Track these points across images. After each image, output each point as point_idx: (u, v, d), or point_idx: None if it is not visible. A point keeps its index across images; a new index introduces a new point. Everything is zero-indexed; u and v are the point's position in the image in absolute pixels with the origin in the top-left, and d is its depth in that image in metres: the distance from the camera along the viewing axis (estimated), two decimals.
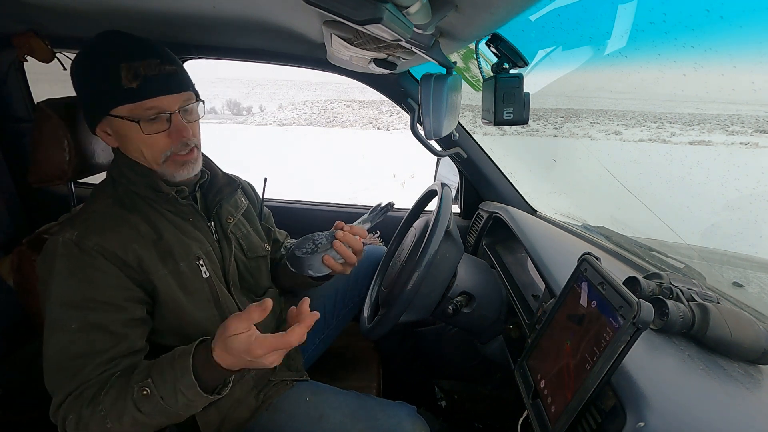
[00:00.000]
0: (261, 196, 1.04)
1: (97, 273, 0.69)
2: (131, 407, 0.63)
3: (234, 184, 0.92)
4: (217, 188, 0.89)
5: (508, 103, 0.72)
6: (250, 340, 0.60)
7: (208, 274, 0.82)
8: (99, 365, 0.68)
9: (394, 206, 1.00)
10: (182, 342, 0.76)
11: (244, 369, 0.66)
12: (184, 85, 0.77)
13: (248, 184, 1.07)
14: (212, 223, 0.87)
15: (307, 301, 0.68)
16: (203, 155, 0.86)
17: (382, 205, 0.99)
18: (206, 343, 0.66)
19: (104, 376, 0.68)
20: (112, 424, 0.63)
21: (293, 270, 0.88)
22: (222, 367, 0.63)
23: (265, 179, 1.01)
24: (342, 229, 0.87)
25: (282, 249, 1.13)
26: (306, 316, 0.65)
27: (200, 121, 0.83)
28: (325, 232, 0.89)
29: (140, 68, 0.71)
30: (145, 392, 0.63)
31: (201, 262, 0.81)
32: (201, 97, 0.82)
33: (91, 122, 0.77)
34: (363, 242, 0.90)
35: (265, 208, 1.07)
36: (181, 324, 0.78)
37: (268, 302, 0.62)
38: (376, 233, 0.91)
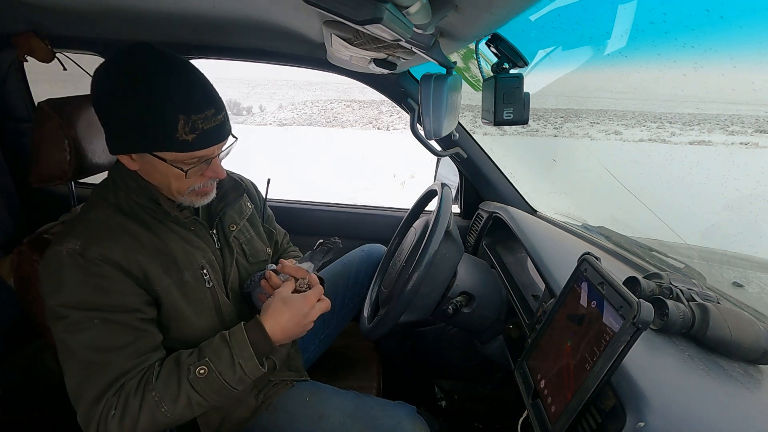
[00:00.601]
0: (264, 197, 1.03)
1: (107, 281, 0.69)
2: (187, 388, 0.69)
3: (240, 188, 0.91)
4: (222, 193, 0.87)
5: (508, 103, 0.72)
6: (304, 294, 0.80)
7: (211, 284, 0.81)
8: (129, 357, 0.69)
9: (340, 246, 0.92)
10: (183, 346, 0.76)
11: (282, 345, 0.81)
12: (229, 130, 0.75)
13: (251, 183, 1.05)
14: (215, 231, 0.86)
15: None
16: None
17: (322, 243, 0.92)
18: (253, 321, 0.76)
19: (141, 368, 0.70)
20: (166, 408, 0.68)
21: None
22: (270, 338, 0.74)
23: (269, 180, 1.01)
24: (277, 268, 0.87)
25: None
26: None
27: None
28: (260, 272, 0.88)
29: (198, 122, 0.67)
30: (202, 371, 0.69)
31: (205, 271, 0.81)
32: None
33: (119, 149, 0.72)
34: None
35: (268, 209, 1.06)
36: (181, 330, 0.78)
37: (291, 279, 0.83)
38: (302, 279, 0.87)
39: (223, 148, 0.76)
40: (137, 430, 0.67)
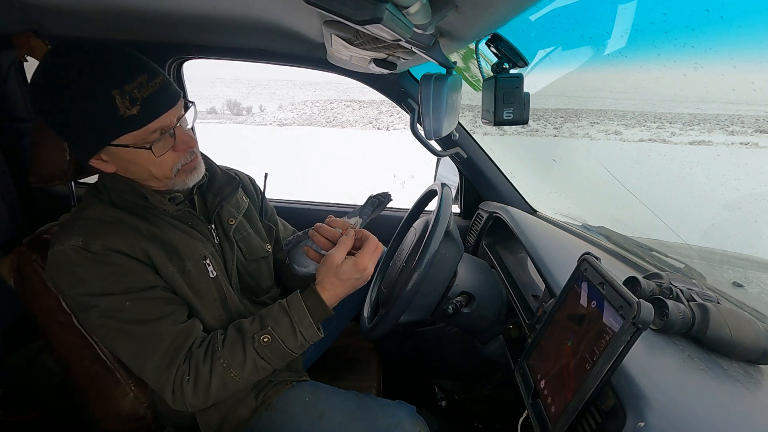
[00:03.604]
0: (262, 192, 1.03)
1: (120, 267, 0.70)
2: (253, 354, 0.73)
3: (234, 182, 0.90)
4: (217, 188, 0.87)
5: (508, 103, 0.72)
6: (354, 260, 0.77)
7: (215, 274, 0.82)
8: (173, 323, 0.72)
9: (391, 199, 0.91)
10: None
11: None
12: (176, 93, 0.72)
13: (248, 178, 1.04)
14: (213, 226, 0.86)
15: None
16: (201, 154, 0.85)
17: (372, 197, 0.90)
18: (309, 291, 0.78)
19: (194, 335, 0.74)
20: (235, 373, 0.72)
21: (288, 263, 0.92)
22: (326, 304, 0.77)
23: (266, 174, 1.00)
24: (326, 222, 0.88)
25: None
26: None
27: (200, 121, 0.82)
28: (302, 231, 0.89)
29: (134, 91, 0.65)
30: (266, 339, 0.73)
31: (207, 261, 0.81)
32: (188, 97, 0.78)
33: (85, 156, 0.71)
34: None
35: (269, 204, 1.05)
36: None
37: (351, 231, 0.82)
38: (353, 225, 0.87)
39: (181, 115, 0.74)
40: (210, 393, 0.71)
